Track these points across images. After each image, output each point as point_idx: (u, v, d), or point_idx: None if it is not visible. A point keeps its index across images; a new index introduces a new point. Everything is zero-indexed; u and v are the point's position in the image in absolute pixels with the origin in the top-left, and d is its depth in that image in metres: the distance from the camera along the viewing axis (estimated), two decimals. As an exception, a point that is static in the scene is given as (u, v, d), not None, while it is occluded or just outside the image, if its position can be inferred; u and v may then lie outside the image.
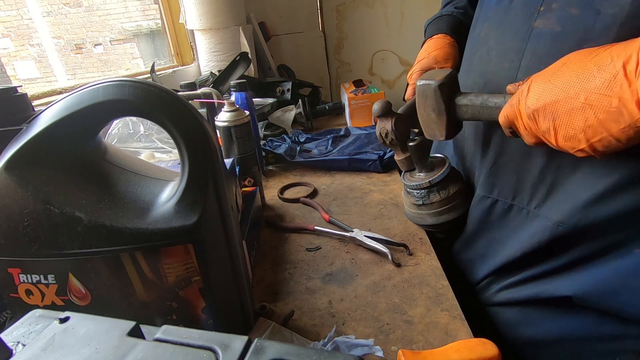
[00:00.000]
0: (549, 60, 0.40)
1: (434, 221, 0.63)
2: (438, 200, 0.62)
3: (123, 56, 3.50)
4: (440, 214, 0.63)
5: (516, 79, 0.47)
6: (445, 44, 0.66)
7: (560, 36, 0.43)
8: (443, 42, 0.66)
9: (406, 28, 2.13)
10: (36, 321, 0.28)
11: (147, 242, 0.35)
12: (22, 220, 0.34)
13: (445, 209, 0.62)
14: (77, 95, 0.34)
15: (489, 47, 0.52)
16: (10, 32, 2.89)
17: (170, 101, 0.34)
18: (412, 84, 0.66)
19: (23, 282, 0.37)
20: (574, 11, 0.41)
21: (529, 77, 0.40)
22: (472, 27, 0.61)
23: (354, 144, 1.10)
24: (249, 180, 0.76)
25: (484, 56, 0.53)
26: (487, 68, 0.52)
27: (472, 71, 0.57)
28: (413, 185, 0.63)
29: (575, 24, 0.41)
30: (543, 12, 0.44)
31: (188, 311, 0.39)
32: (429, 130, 0.56)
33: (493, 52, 0.51)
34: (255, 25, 1.70)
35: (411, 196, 0.65)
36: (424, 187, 0.62)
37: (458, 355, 0.40)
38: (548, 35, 0.44)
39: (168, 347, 0.24)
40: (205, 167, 0.35)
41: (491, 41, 0.52)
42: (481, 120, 0.51)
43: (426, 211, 0.63)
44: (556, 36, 0.43)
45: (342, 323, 0.49)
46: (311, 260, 0.63)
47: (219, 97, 0.87)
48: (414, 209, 0.66)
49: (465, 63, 0.61)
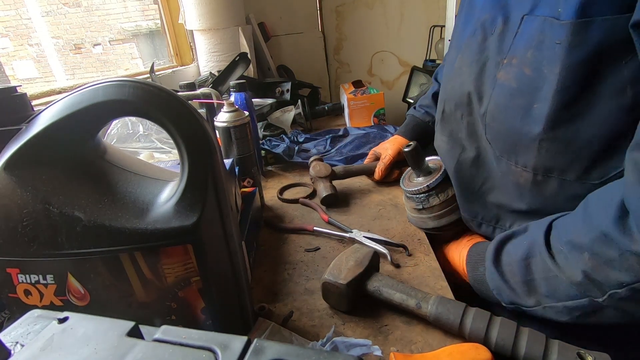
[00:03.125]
0: (507, 112, 0.47)
1: (435, 224, 0.64)
2: (438, 203, 0.62)
3: (122, 56, 3.50)
4: (441, 216, 0.63)
5: (486, 119, 0.51)
6: (394, 142, 0.89)
7: (515, 92, 0.46)
8: (395, 141, 0.89)
9: (405, 29, 2.14)
10: (35, 321, 0.28)
11: (146, 243, 0.35)
12: (21, 220, 0.33)
13: (446, 212, 0.62)
14: (76, 95, 0.34)
15: (462, 80, 0.55)
16: (9, 32, 2.88)
17: (170, 101, 0.34)
18: (385, 164, 0.86)
19: (22, 282, 0.36)
20: (527, 71, 0.44)
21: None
22: (449, 48, 0.66)
23: (352, 144, 1.10)
24: (248, 181, 0.76)
25: (457, 89, 0.57)
26: (462, 100, 0.56)
27: (448, 98, 0.60)
28: (412, 191, 0.64)
29: (529, 84, 0.44)
30: (505, 66, 0.47)
31: (187, 311, 0.39)
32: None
33: (465, 86, 0.54)
34: (254, 26, 1.71)
35: (411, 201, 0.65)
36: (422, 192, 0.62)
37: (450, 359, 0.40)
38: (507, 89, 0.47)
39: (167, 347, 0.24)
40: (204, 167, 0.35)
41: (464, 75, 0.54)
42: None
43: (427, 215, 0.64)
44: (513, 92, 0.46)
45: (342, 324, 0.49)
46: (310, 261, 0.63)
47: (219, 97, 0.87)
48: (415, 213, 0.66)
49: (443, 88, 0.65)
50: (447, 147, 0.61)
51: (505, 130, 0.49)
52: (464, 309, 0.46)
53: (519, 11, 0.45)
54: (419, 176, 0.65)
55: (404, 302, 0.49)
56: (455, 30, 0.63)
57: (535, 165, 0.46)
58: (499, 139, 0.50)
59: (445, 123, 0.61)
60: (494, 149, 0.51)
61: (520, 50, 0.45)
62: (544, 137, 0.44)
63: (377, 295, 0.51)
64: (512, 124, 0.47)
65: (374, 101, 1.28)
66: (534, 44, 0.43)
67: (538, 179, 0.47)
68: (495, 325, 0.44)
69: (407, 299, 0.49)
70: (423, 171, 0.64)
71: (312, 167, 0.86)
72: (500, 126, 0.49)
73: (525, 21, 0.44)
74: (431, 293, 0.49)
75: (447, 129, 0.60)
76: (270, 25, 1.92)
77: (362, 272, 0.51)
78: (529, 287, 0.45)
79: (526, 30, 0.44)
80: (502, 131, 0.49)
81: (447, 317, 0.46)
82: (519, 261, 0.45)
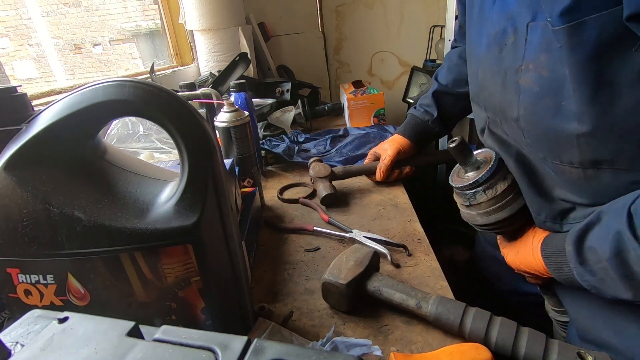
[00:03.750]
0: (538, 114, 0.47)
1: (484, 221, 0.60)
2: (485, 200, 0.58)
3: (122, 56, 3.49)
4: (489, 213, 0.59)
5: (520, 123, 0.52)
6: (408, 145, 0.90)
7: (540, 95, 0.46)
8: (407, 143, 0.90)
9: (405, 29, 2.13)
10: (35, 321, 0.28)
11: (146, 243, 0.35)
12: (21, 220, 0.33)
13: (495, 209, 0.58)
14: (76, 96, 0.34)
15: (490, 92, 0.56)
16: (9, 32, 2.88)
17: (170, 101, 0.34)
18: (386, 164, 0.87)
19: (22, 282, 0.36)
20: (545, 73, 0.44)
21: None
22: (468, 62, 0.66)
23: (352, 144, 1.10)
24: (248, 181, 0.76)
25: (489, 99, 0.58)
26: (496, 109, 0.57)
27: (486, 107, 0.61)
28: (459, 187, 0.60)
29: (549, 85, 0.44)
30: (524, 72, 0.47)
31: (187, 311, 0.39)
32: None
33: (495, 97, 0.55)
34: (254, 26, 1.70)
35: (459, 197, 0.62)
36: (469, 188, 0.58)
37: (450, 359, 0.40)
38: (531, 93, 0.47)
39: (167, 347, 0.24)
40: (204, 167, 0.35)
41: (491, 88, 0.55)
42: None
43: (475, 211, 0.60)
44: (537, 94, 0.46)
45: (342, 324, 0.49)
46: (310, 261, 0.63)
47: (219, 97, 0.87)
48: (464, 209, 0.62)
49: (474, 100, 0.66)
50: (498, 149, 0.61)
51: (541, 131, 0.48)
52: (464, 309, 0.46)
53: (524, 20, 0.45)
54: (467, 172, 0.61)
55: (404, 302, 0.49)
56: (469, 43, 0.63)
57: (581, 161, 0.46)
58: (538, 142, 0.50)
59: (493, 128, 0.61)
60: (536, 152, 0.51)
61: (534, 55, 0.45)
62: (580, 132, 0.44)
63: (377, 295, 0.51)
64: (546, 125, 0.47)
65: (374, 101, 1.28)
66: (544, 47, 0.43)
67: (589, 174, 0.46)
68: (495, 325, 0.44)
69: (407, 299, 0.48)
70: (471, 166, 0.60)
71: (312, 167, 0.86)
72: (535, 129, 0.49)
73: (531, 28, 0.45)
74: (431, 293, 0.49)
75: (496, 133, 0.60)
76: (270, 25, 1.92)
77: (362, 272, 0.51)
78: (630, 281, 0.42)
79: (533, 36, 0.45)
80: (539, 133, 0.49)
81: (447, 317, 0.45)
82: (611, 258, 0.43)
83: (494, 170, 0.57)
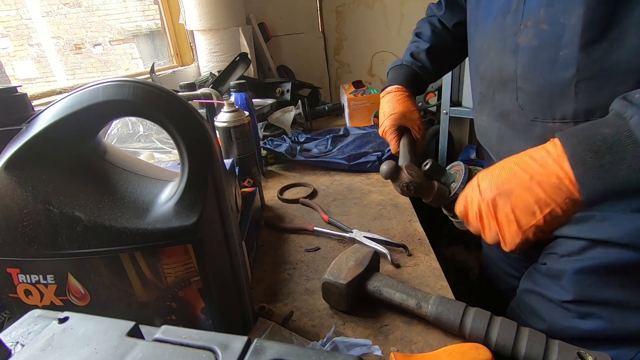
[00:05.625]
0: (536, 69, 0.48)
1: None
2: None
3: (122, 56, 3.50)
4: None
5: (517, 83, 0.52)
6: (405, 98, 0.74)
7: (539, 49, 0.48)
8: (402, 96, 0.74)
9: (406, 29, 2.13)
10: (35, 321, 0.28)
11: (146, 243, 0.35)
12: (21, 220, 0.34)
13: None
14: (77, 96, 0.34)
15: (491, 59, 0.58)
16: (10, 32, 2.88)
17: (170, 101, 0.34)
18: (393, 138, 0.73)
19: (22, 282, 0.36)
20: (544, 27, 0.47)
21: (475, 176, 0.46)
22: (470, 40, 0.67)
23: (353, 144, 1.10)
24: (249, 181, 0.76)
25: (487, 68, 0.59)
26: (493, 77, 0.58)
27: (482, 79, 0.62)
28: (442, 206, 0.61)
29: (549, 37, 0.46)
30: (522, 30, 0.50)
31: (187, 311, 0.39)
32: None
33: (494, 63, 0.56)
34: (255, 26, 1.70)
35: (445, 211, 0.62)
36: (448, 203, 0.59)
37: (450, 359, 0.40)
38: (530, 49, 0.49)
39: (167, 347, 0.24)
40: (204, 167, 0.35)
41: (492, 55, 0.57)
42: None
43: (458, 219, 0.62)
44: (536, 50, 0.49)
45: (342, 324, 0.49)
46: (310, 261, 0.63)
47: (219, 97, 0.87)
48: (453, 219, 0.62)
49: (474, 72, 0.67)
50: (486, 125, 0.63)
51: (537, 87, 0.50)
52: (464, 309, 0.46)
53: None
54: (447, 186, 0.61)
55: (404, 302, 0.49)
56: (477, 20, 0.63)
57: (575, 112, 0.47)
58: (532, 100, 0.51)
59: (483, 104, 0.63)
60: (527, 114, 0.52)
61: (533, 12, 0.47)
62: (579, 77, 0.45)
63: (377, 295, 0.51)
64: (543, 79, 0.48)
65: (374, 101, 1.28)
66: (544, 2, 0.46)
67: None
68: (495, 325, 0.44)
69: (407, 299, 0.49)
70: (448, 179, 0.61)
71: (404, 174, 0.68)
72: (532, 86, 0.51)
73: None
74: (431, 293, 0.49)
75: (486, 109, 0.62)
76: (271, 26, 1.92)
77: (362, 272, 0.51)
78: None
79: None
80: (535, 90, 0.50)
81: (447, 317, 0.46)
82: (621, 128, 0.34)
83: (465, 181, 0.58)
